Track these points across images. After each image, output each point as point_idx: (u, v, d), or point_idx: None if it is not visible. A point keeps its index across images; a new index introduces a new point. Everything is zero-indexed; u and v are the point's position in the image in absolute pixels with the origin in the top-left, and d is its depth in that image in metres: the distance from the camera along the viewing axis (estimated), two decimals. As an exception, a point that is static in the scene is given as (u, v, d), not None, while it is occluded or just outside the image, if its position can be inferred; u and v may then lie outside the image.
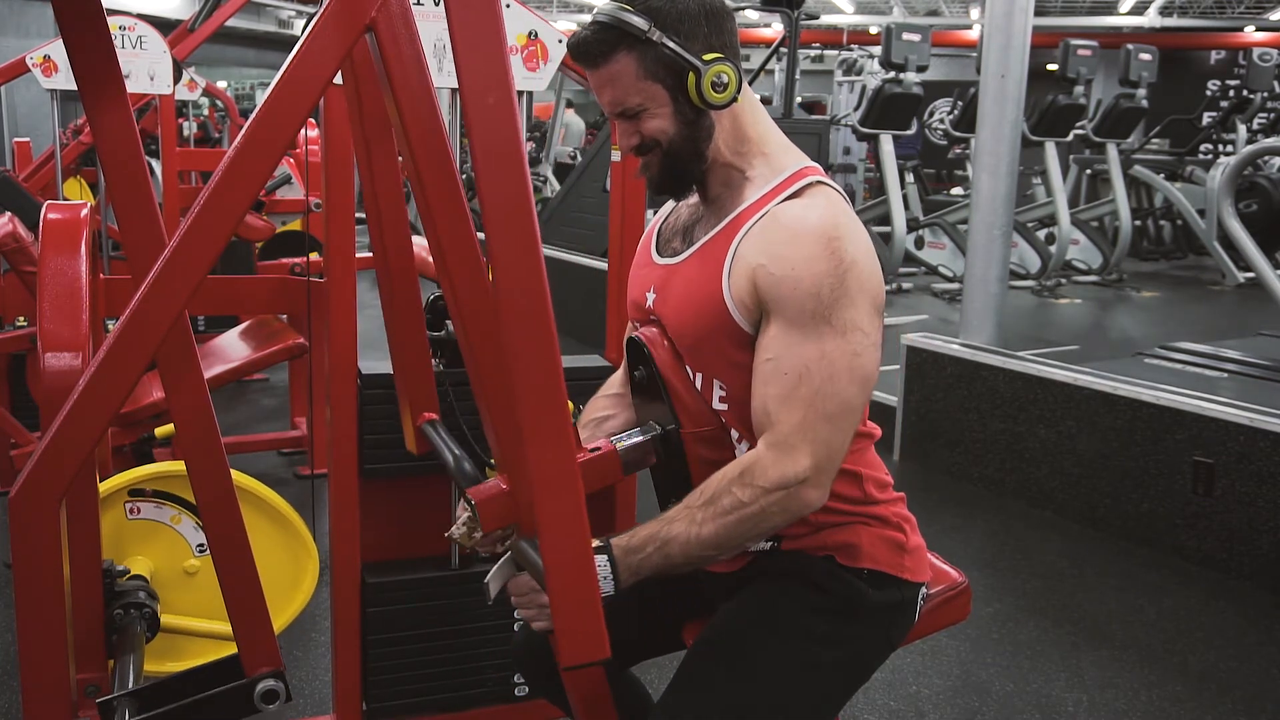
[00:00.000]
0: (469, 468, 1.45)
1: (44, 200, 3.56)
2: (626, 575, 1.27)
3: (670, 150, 1.35)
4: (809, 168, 1.36)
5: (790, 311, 1.26)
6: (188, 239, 1.17)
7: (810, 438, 1.26)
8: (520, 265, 1.10)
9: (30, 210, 3.63)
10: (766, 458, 1.27)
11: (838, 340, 1.26)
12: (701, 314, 1.34)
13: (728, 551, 1.31)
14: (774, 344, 1.28)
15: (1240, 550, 3.26)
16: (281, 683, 1.53)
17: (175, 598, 2.10)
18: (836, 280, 1.25)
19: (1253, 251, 4.57)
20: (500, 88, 1.07)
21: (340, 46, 1.19)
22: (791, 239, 1.27)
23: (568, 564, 1.16)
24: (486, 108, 1.07)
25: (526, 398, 1.12)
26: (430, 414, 1.69)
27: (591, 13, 1.36)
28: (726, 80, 1.31)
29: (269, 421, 4.67)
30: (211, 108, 10.34)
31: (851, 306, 1.26)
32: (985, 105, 4.41)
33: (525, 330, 1.10)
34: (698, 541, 1.28)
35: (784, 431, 1.27)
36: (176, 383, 1.43)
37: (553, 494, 1.14)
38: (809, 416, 1.26)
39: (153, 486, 2.11)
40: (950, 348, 4.20)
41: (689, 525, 1.28)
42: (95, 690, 1.57)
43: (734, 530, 1.28)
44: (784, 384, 1.27)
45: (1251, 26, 16.49)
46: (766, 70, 9.57)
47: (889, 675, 2.65)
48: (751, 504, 1.26)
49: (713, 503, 1.28)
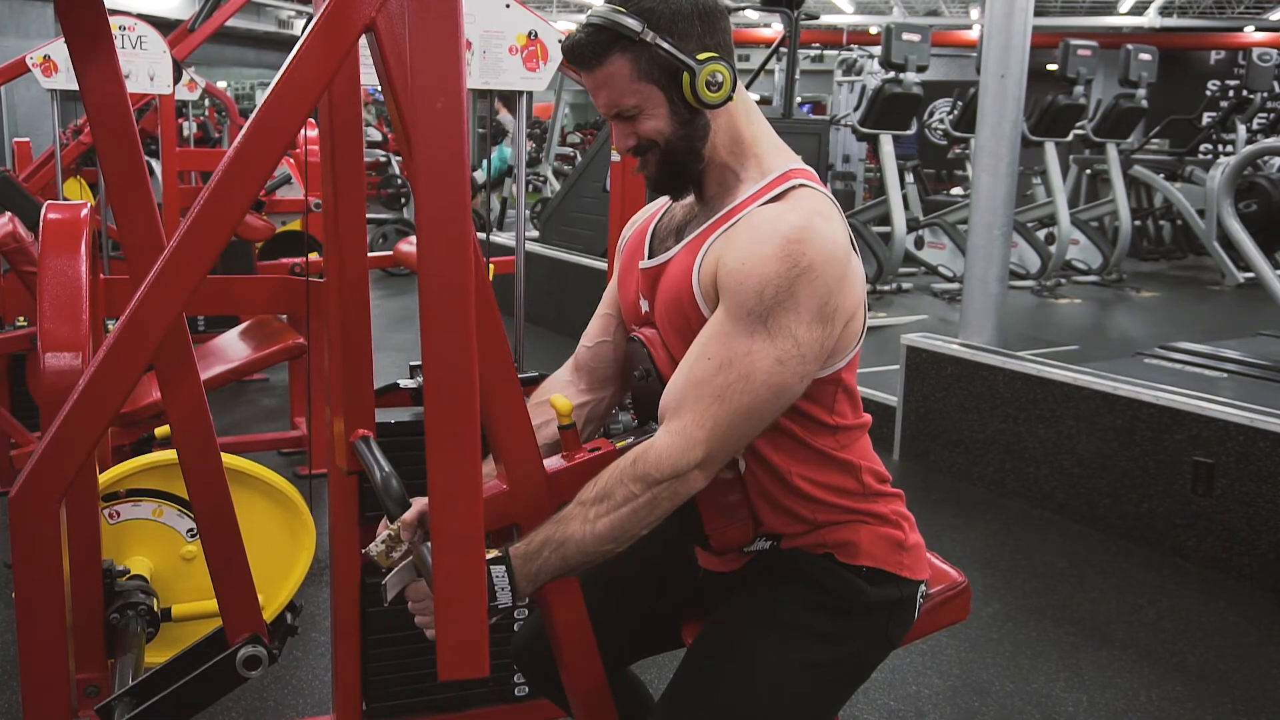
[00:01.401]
0: (397, 486, 1.42)
1: (44, 200, 3.56)
2: (524, 584, 1.27)
3: (667, 150, 1.35)
4: (795, 170, 1.36)
5: (731, 304, 1.27)
6: (187, 239, 1.18)
7: (711, 430, 1.26)
8: (447, 272, 1.07)
9: (30, 210, 3.64)
10: (664, 447, 1.27)
11: (766, 343, 1.25)
12: (679, 306, 1.36)
13: (623, 544, 1.30)
14: (708, 330, 1.29)
15: (1240, 550, 3.26)
16: (261, 646, 1.53)
17: (180, 585, 2.11)
18: (784, 284, 1.24)
19: (1253, 251, 4.57)
20: (451, 93, 1.06)
21: (340, 46, 1.19)
22: (754, 238, 1.27)
23: (454, 576, 1.12)
24: (434, 111, 1.05)
25: (434, 404, 1.09)
26: (364, 430, 1.68)
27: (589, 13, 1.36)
28: (721, 79, 1.31)
29: (269, 421, 4.67)
30: (211, 108, 10.35)
31: (792, 314, 1.25)
32: (985, 105, 4.41)
33: (442, 335, 1.08)
34: (594, 538, 1.27)
35: (688, 420, 1.27)
36: (172, 384, 1.43)
37: (448, 504, 1.11)
38: (716, 409, 1.26)
39: (125, 487, 2.11)
40: (950, 348, 4.20)
41: (583, 524, 1.28)
42: (95, 690, 1.58)
43: (627, 521, 1.27)
44: (704, 369, 1.27)
45: (1251, 26, 16.48)
46: (766, 70, 9.57)
47: (889, 675, 2.65)
48: (643, 494, 1.27)
49: (606, 498, 1.28)
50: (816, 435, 1.38)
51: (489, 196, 4.79)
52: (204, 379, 1.50)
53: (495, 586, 1.24)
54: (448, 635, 1.13)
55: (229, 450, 1.65)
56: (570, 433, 1.40)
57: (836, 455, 1.39)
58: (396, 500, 1.38)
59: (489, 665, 1.14)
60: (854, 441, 1.42)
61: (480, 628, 1.14)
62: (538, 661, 1.60)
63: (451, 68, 1.06)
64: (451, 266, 1.07)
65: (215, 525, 1.52)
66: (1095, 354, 5.32)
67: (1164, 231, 9.65)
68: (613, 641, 1.52)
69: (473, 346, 1.09)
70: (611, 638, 1.52)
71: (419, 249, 1.07)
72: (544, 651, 1.52)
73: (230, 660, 1.52)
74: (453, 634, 1.13)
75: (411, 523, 1.33)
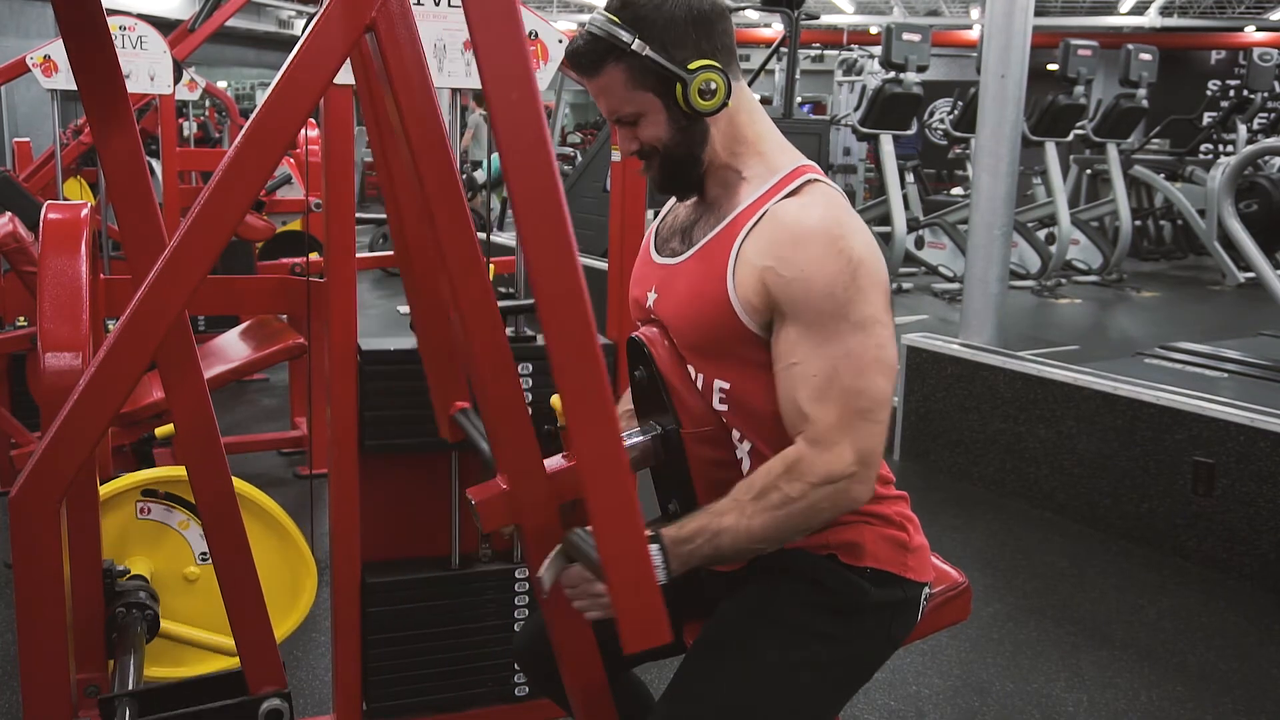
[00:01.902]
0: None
1: (44, 200, 3.56)
2: (677, 565, 1.28)
3: (667, 155, 1.37)
4: (805, 166, 1.37)
5: (808, 314, 1.27)
6: (188, 239, 1.18)
7: (849, 434, 1.27)
8: (554, 258, 1.10)
9: (30, 210, 3.63)
10: (809, 454, 1.27)
11: (860, 336, 1.27)
12: (705, 314, 1.35)
13: (776, 544, 1.32)
14: (797, 348, 1.29)
15: (1240, 550, 3.26)
16: (287, 703, 1.53)
17: (172, 603, 2.10)
18: (849, 278, 1.26)
19: (1253, 251, 4.57)
20: (523, 83, 1.08)
21: (340, 46, 1.19)
22: (797, 240, 1.28)
23: (624, 552, 1.16)
24: (510, 103, 1.08)
25: (569, 389, 1.13)
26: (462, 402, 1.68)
27: (591, 13, 1.36)
28: (714, 87, 1.31)
29: (269, 421, 4.67)
30: (211, 108, 10.35)
31: (866, 301, 1.27)
32: (985, 105, 4.41)
33: (563, 321, 1.11)
34: (747, 534, 1.28)
35: (821, 429, 1.27)
36: (176, 383, 1.43)
37: (602, 483, 1.14)
38: (844, 414, 1.27)
39: (166, 489, 2.12)
40: (950, 348, 4.20)
41: (739, 518, 1.28)
42: (95, 690, 1.57)
43: (784, 524, 1.29)
44: (814, 385, 1.27)
45: (1251, 26, 16.48)
46: (766, 70, 9.56)
47: (889, 675, 2.65)
48: (800, 499, 1.27)
49: (762, 497, 1.28)
50: None
51: (489, 196, 4.78)
52: (205, 379, 1.50)
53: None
54: (627, 609, 1.17)
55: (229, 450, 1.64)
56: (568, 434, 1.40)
57: None
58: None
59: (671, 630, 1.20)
60: None
61: (657, 595, 1.18)
62: (538, 661, 1.60)
63: (518, 58, 1.08)
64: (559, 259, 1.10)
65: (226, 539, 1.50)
66: (1095, 354, 5.32)
67: (1164, 231, 9.65)
68: (614, 641, 1.52)
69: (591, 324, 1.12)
70: (612, 638, 1.52)
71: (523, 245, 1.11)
72: (544, 651, 1.51)
73: (252, 707, 1.52)
74: (632, 606, 1.18)
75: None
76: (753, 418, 1.37)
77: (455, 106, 2.26)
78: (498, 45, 1.08)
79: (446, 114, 1.99)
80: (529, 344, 2.18)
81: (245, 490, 2.19)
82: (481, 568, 2.22)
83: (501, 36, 1.08)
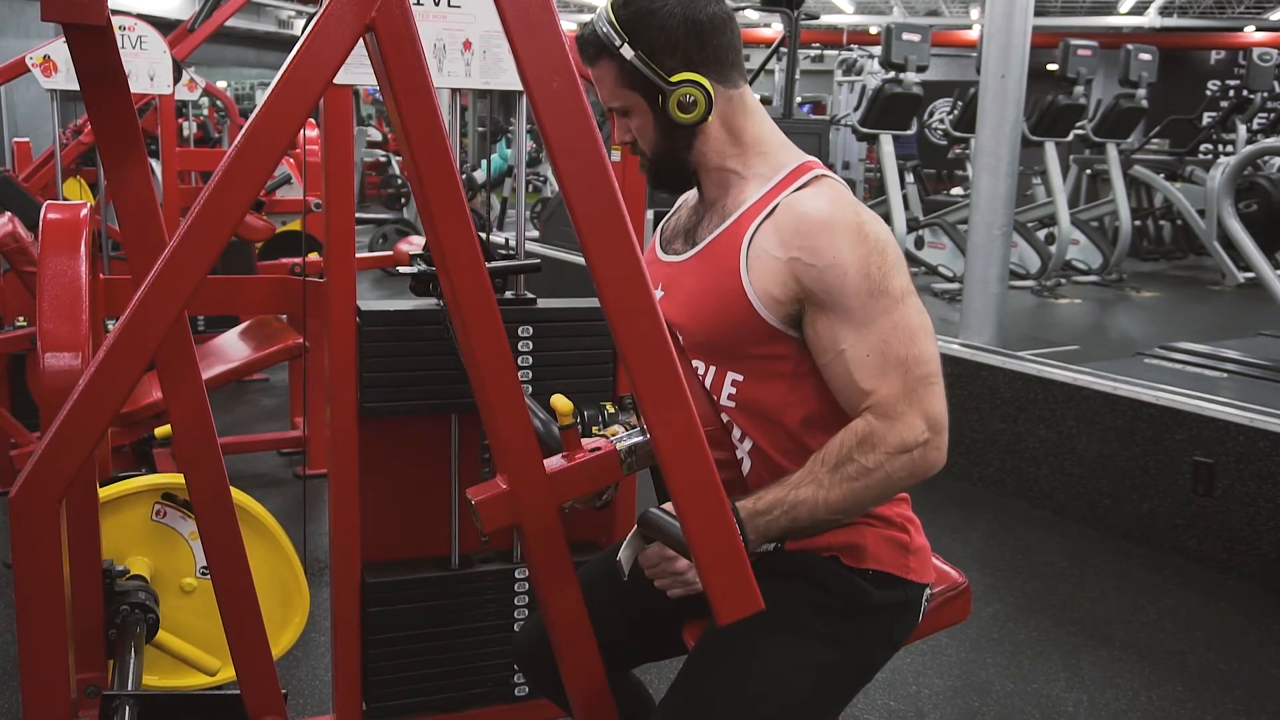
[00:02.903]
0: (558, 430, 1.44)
1: (44, 200, 3.56)
2: (755, 537, 1.30)
3: (654, 155, 1.41)
4: (810, 162, 1.39)
5: (847, 298, 1.28)
6: (188, 239, 1.17)
7: (914, 401, 1.28)
8: (611, 242, 1.12)
9: (30, 210, 3.63)
10: (880, 426, 1.28)
11: (901, 308, 1.29)
12: (718, 311, 1.35)
13: (852, 515, 1.33)
14: (841, 335, 1.30)
15: (1240, 550, 3.26)
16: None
17: (164, 610, 2.10)
18: (880, 257, 1.29)
19: (1253, 251, 4.57)
20: (563, 72, 1.09)
21: (340, 47, 1.18)
22: (821, 230, 1.29)
23: (708, 525, 1.17)
24: (552, 93, 1.09)
25: (641, 372, 1.14)
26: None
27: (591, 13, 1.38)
28: (693, 100, 1.33)
29: (269, 421, 4.67)
30: (211, 108, 10.35)
31: (896, 275, 1.30)
32: (985, 105, 4.41)
33: (628, 306, 1.13)
34: (825, 505, 1.29)
35: (887, 402, 1.28)
36: (174, 384, 1.43)
37: (682, 459, 1.15)
38: (906, 383, 1.28)
39: (186, 497, 2.11)
40: (950, 348, 4.20)
41: (816, 489, 1.29)
42: (95, 690, 1.57)
43: (861, 494, 1.29)
44: (871, 364, 1.29)
45: (1251, 26, 16.48)
46: (766, 70, 9.57)
47: (889, 675, 2.65)
48: (877, 469, 1.28)
49: (838, 468, 1.29)
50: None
51: (489, 196, 4.78)
52: (204, 379, 1.49)
53: None
54: (717, 582, 1.17)
55: (228, 450, 1.64)
56: (571, 433, 1.40)
57: None
58: (558, 444, 1.40)
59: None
60: None
61: (745, 565, 1.18)
62: (538, 661, 1.60)
63: (556, 48, 1.10)
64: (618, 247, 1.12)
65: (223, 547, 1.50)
66: (1095, 354, 5.31)
67: (1164, 231, 9.63)
68: (614, 642, 1.52)
69: (654, 304, 1.14)
70: (612, 638, 1.52)
71: (580, 234, 1.11)
72: (544, 651, 1.51)
73: None
74: (722, 579, 1.18)
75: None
76: (759, 416, 1.37)
77: (455, 106, 2.26)
78: (535, 36, 1.09)
79: (446, 114, 1.99)
80: (530, 307, 2.19)
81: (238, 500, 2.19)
82: (481, 568, 2.22)
83: (538, 26, 1.09)
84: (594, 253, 1.12)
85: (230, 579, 1.50)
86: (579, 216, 1.12)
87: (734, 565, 1.18)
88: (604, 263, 1.13)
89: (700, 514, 1.17)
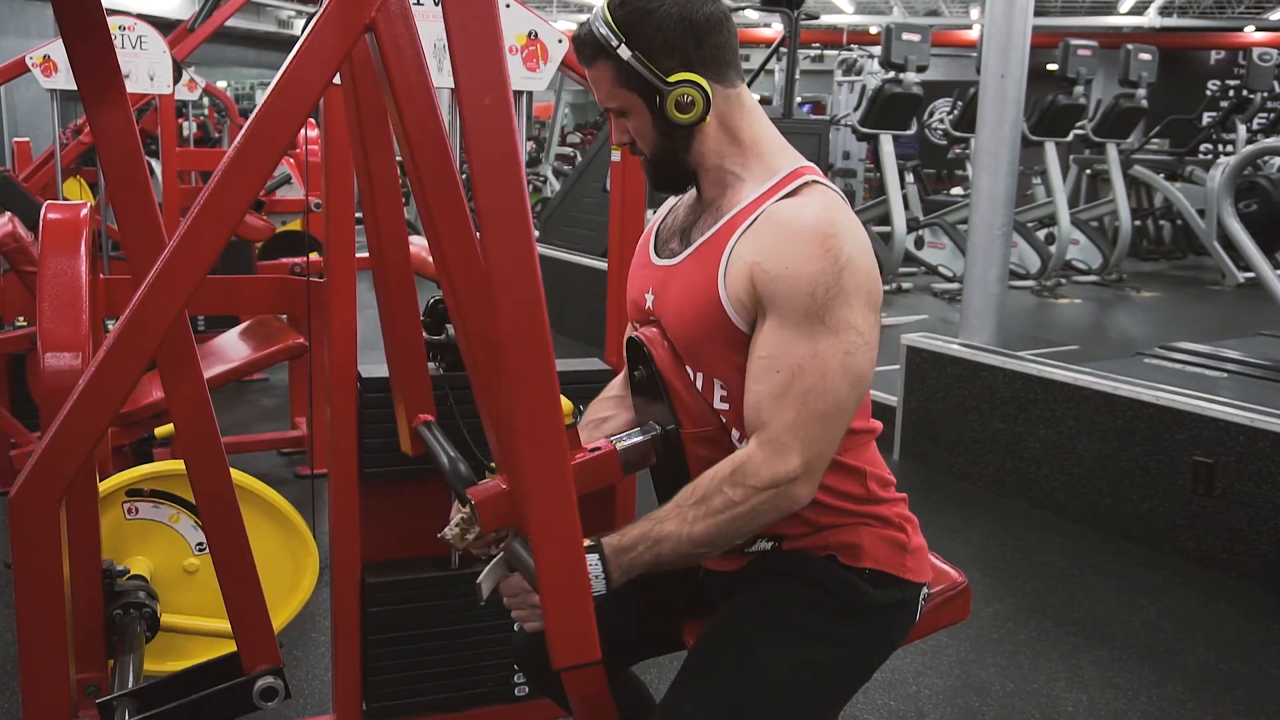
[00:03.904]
0: (464, 469, 1.45)
1: (44, 200, 3.56)
2: (618, 574, 1.28)
3: (653, 156, 1.40)
4: (804, 167, 1.37)
5: (785, 309, 1.27)
6: (188, 239, 1.17)
7: (801, 437, 1.26)
8: (515, 267, 1.10)
9: (30, 210, 3.63)
10: (758, 456, 1.27)
11: (831, 339, 1.26)
12: (699, 314, 1.35)
13: (718, 549, 1.32)
14: (768, 341, 1.29)
15: (1240, 550, 3.26)
16: (280, 679, 1.53)
17: (176, 597, 2.10)
18: (832, 279, 1.25)
19: (1253, 251, 4.57)
20: (496, 88, 1.07)
21: (340, 46, 1.19)
22: (787, 237, 1.28)
23: (558, 564, 1.15)
24: (483, 108, 1.07)
25: (519, 399, 1.11)
26: (426, 415, 1.68)
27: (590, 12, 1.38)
28: (690, 101, 1.32)
29: (269, 421, 4.67)
30: (211, 108, 10.34)
31: (846, 305, 1.26)
32: (985, 105, 4.41)
33: (519, 331, 1.10)
34: (689, 540, 1.28)
35: (776, 430, 1.27)
36: (176, 383, 1.43)
37: (544, 494, 1.13)
38: (800, 415, 1.26)
39: (150, 486, 2.11)
40: (950, 348, 4.20)
41: (680, 524, 1.28)
42: (95, 690, 1.57)
43: (726, 528, 1.28)
44: (776, 382, 1.27)
45: (1251, 26, 16.48)
46: (766, 70, 9.57)
47: (889, 675, 2.65)
48: (743, 503, 1.27)
49: (705, 501, 1.28)
50: None
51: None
52: (204, 379, 1.49)
53: (591, 575, 1.24)
54: (557, 624, 1.16)
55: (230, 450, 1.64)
56: (571, 433, 1.40)
57: (843, 460, 1.39)
58: (466, 482, 1.40)
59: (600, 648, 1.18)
60: (861, 447, 1.42)
61: (589, 614, 1.17)
62: (538, 661, 1.60)
63: (494, 63, 1.07)
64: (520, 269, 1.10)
65: (224, 535, 1.51)
66: (1095, 354, 5.32)
67: (1164, 231, 9.64)
68: (613, 641, 1.52)
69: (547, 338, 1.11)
70: (612, 637, 1.52)
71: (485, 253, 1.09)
72: (544, 651, 1.51)
73: (247, 687, 1.52)
74: (563, 623, 1.16)
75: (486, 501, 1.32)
76: None
77: (455, 106, 2.26)
78: (475, 46, 1.07)
79: (446, 114, 1.99)
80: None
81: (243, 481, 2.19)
82: (483, 568, 2.22)
83: (479, 37, 1.07)
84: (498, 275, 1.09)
85: (230, 560, 1.50)
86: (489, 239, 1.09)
87: (577, 611, 1.16)
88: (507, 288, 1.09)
89: (553, 555, 1.15)
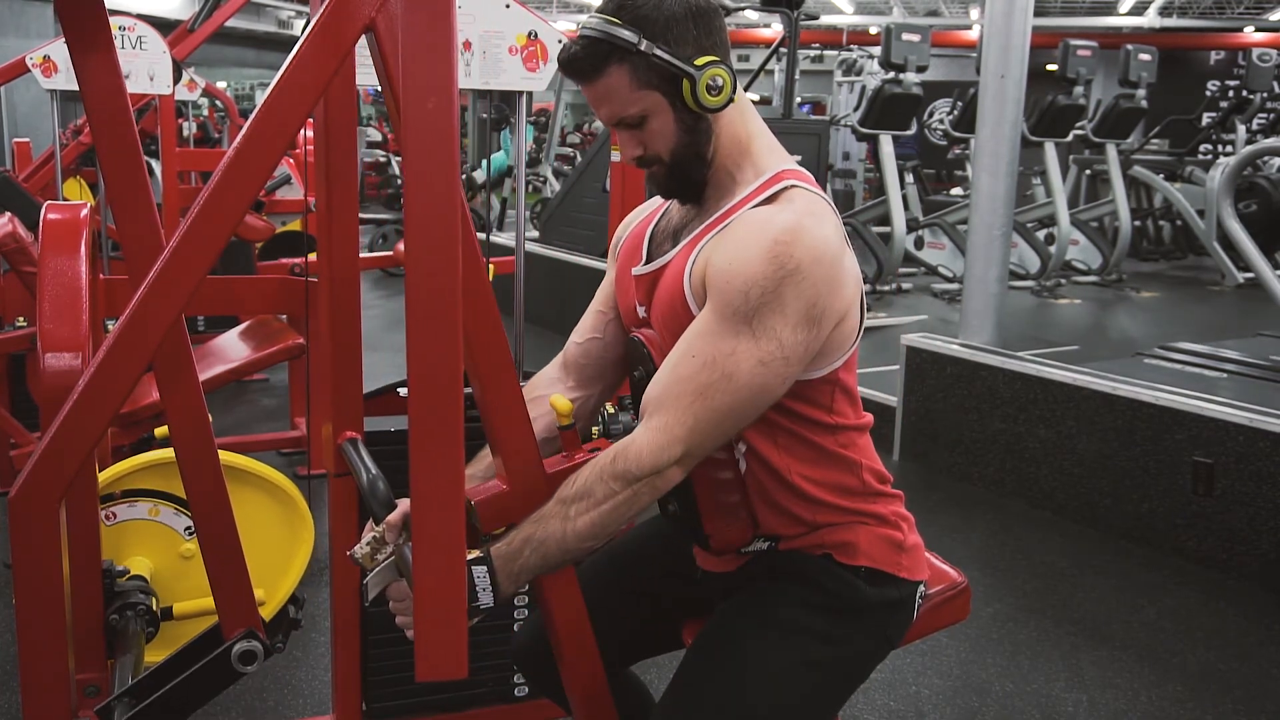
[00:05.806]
0: (383, 489, 1.42)
1: (44, 200, 3.56)
2: (507, 583, 1.26)
3: (674, 157, 1.35)
4: (787, 171, 1.35)
5: (718, 303, 1.27)
6: (187, 239, 1.18)
7: (691, 427, 1.26)
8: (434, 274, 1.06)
9: (30, 210, 3.63)
10: (645, 445, 1.26)
11: (750, 344, 1.24)
12: (672, 308, 1.35)
13: (601, 540, 1.30)
14: (694, 329, 1.29)
15: (1240, 550, 3.26)
16: (257, 640, 1.52)
17: (180, 584, 2.11)
18: (770, 284, 1.23)
19: (1252, 252, 4.57)
20: (443, 92, 1.04)
21: (340, 47, 1.19)
22: (742, 237, 1.27)
23: (436, 580, 1.11)
24: (425, 111, 1.04)
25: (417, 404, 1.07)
26: (352, 432, 1.67)
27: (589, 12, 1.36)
28: (721, 83, 1.30)
29: (269, 421, 4.67)
30: (211, 108, 10.35)
31: (778, 314, 1.24)
32: (985, 105, 4.41)
33: (427, 336, 1.07)
34: (574, 535, 1.27)
35: (669, 418, 1.26)
36: (171, 383, 1.43)
37: (429, 504, 1.09)
38: (697, 407, 1.26)
39: (120, 488, 2.11)
40: (950, 348, 4.20)
41: (563, 522, 1.27)
42: (95, 690, 1.58)
43: (608, 518, 1.27)
44: (688, 367, 1.27)
45: (1251, 27, 16.49)
46: (766, 70, 9.56)
47: (889, 675, 2.65)
48: (623, 491, 1.26)
49: (587, 495, 1.27)
50: (817, 434, 1.38)
51: (489, 196, 4.79)
52: (204, 379, 1.50)
53: (477, 587, 1.23)
54: (427, 635, 1.11)
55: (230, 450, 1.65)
56: (571, 433, 1.40)
57: (837, 454, 1.39)
58: (382, 502, 1.39)
59: (468, 667, 1.13)
60: (855, 441, 1.42)
61: (460, 628, 1.12)
62: (538, 661, 1.60)
63: (444, 67, 1.04)
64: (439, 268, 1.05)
65: (212, 524, 1.51)
66: (1095, 354, 5.32)
67: (1164, 231, 9.64)
68: (613, 641, 1.52)
69: (458, 348, 1.07)
70: (611, 637, 1.52)
71: (406, 250, 1.05)
72: (544, 651, 1.52)
73: (225, 656, 1.52)
74: (432, 634, 1.12)
75: (396, 524, 1.34)
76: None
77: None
78: (426, 50, 1.04)
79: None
80: None
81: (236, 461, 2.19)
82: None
83: (429, 38, 1.04)
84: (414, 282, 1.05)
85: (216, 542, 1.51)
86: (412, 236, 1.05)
87: (449, 627, 1.12)
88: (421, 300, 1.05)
89: (431, 567, 1.10)
